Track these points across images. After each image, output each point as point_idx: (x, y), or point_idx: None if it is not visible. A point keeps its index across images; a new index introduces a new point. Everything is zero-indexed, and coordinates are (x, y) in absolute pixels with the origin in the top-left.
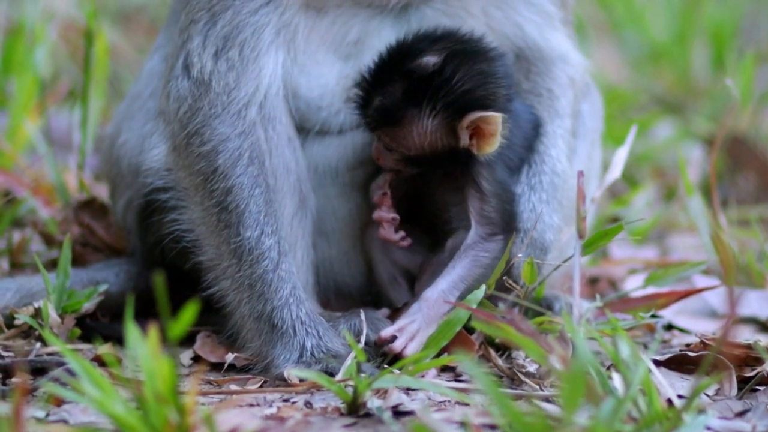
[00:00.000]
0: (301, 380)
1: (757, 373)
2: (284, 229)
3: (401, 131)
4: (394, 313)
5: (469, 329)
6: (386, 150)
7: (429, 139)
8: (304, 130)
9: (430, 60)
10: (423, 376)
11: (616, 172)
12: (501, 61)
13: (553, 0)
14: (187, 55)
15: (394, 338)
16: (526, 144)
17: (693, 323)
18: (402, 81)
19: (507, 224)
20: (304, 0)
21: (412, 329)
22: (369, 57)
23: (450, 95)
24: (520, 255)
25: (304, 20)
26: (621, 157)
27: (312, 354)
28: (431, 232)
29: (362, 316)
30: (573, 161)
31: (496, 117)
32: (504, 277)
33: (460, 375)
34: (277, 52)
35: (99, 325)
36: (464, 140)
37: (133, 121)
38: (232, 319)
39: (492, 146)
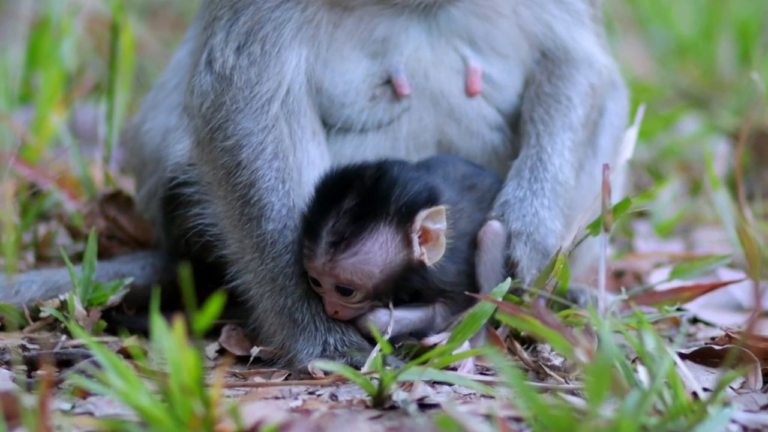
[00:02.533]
0: (327, 373)
1: None
2: None
3: (362, 252)
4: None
5: (494, 323)
6: (344, 296)
7: (390, 254)
8: (326, 126)
9: (367, 174)
10: (454, 369)
11: (627, 152)
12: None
13: None
14: (210, 50)
15: None
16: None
17: (718, 316)
18: (349, 200)
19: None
20: None
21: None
22: (396, 55)
23: (399, 197)
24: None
25: (328, 16)
26: (631, 137)
27: (335, 348)
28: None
29: (390, 307)
30: (584, 174)
31: (441, 210)
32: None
33: (485, 368)
34: (300, 47)
35: (124, 318)
36: (417, 250)
37: (157, 111)
38: (254, 312)
39: (440, 250)
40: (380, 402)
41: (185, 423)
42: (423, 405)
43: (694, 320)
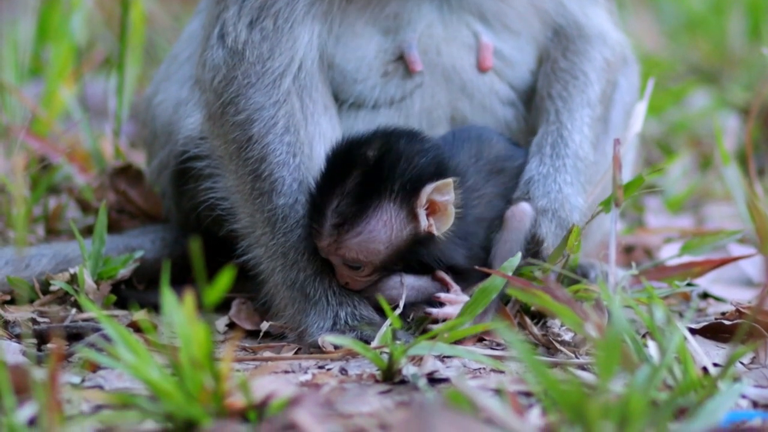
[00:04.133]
0: (336, 347)
1: None
2: None
3: (366, 232)
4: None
5: (503, 299)
6: (353, 270)
7: (395, 230)
8: (338, 101)
9: (371, 151)
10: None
11: (637, 126)
12: (433, 141)
13: None
14: (222, 24)
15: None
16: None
17: (728, 292)
18: (352, 179)
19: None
20: None
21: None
22: (409, 32)
23: (402, 167)
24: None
25: None
26: (641, 111)
27: (346, 322)
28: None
29: (403, 279)
30: (598, 148)
31: (448, 183)
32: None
33: (495, 343)
34: (313, 23)
35: (134, 293)
36: (423, 222)
37: (169, 83)
38: (265, 286)
39: (448, 220)
40: (390, 376)
41: (195, 397)
42: (433, 379)
43: (705, 295)
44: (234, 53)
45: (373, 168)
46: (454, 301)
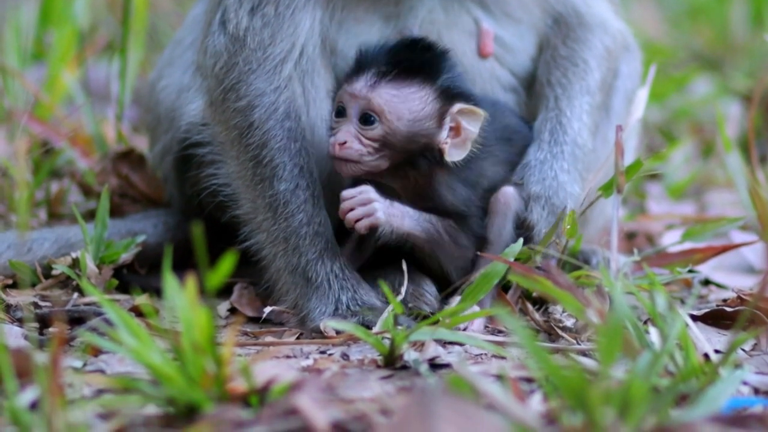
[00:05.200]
0: (338, 332)
1: None
2: (320, 183)
3: (403, 94)
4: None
5: (505, 285)
6: (363, 125)
7: (422, 113)
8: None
9: (441, 48)
10: (465, 329)
11: (638, 112)
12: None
13: None
14: (224, 11)
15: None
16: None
17: (730, 278)
18: (417, 52)
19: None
20: None
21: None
22: (410, 18)
23: (451, 75)
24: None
25: None
26: (642, 97)
27: (347, 307)
28: None
29: (404, 267)
30: (599, 135)
31: (480, 114)
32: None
33: (497, 329)
34: (314, 9)
35: (136, 278)
36: (444, 132)
37: (173, 68)
38: (268, 272)
39: (462, 151)
40: (391, 362)
41: (197, 381)
42: (434, 365)
43: (706, 282)
44: (235, 40)
45: (436, 57)
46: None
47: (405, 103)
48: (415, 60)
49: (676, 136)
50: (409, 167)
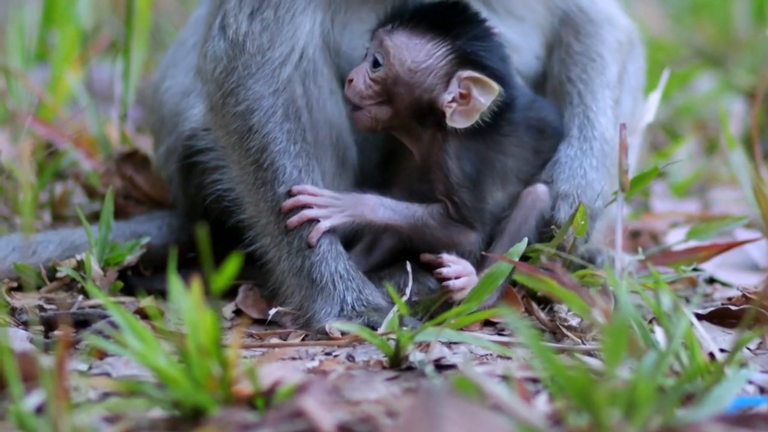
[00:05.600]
0: (343, 334)
1: None
2: (323, 184)
3: (413, 42)
4: None
5: (511, 282)
6: (373, 66)
7: (427, 66)
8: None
9: (471, 10)
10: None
11: (649, 115)
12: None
13: None
14: (224, 15)
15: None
16: (532, 149)
17: (735, 277)
18: (441, 9)
19: (463, 215)
20: None
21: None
22: None
23: (475, 42)
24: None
25: None
26: (654, 101)
27: (353, 308)
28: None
29: (408, 268)
30: (616, 128)
31: (494, 88)
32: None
33: (502, 329)
34: (315, 11)
35: (141, 280)
36: (451, 93)
37: (177, 69)
38: (273, 274)
39: (468, 120)
40: (397, 363)
41: (202, 384)
42: (440, 366)
43: (711, 280)
44: (235, 45)
45: (464, 20)
46: (457, 262)
47: (410, 51)
48: (438, 16)
49: (680, 133)
50: (420, 126)
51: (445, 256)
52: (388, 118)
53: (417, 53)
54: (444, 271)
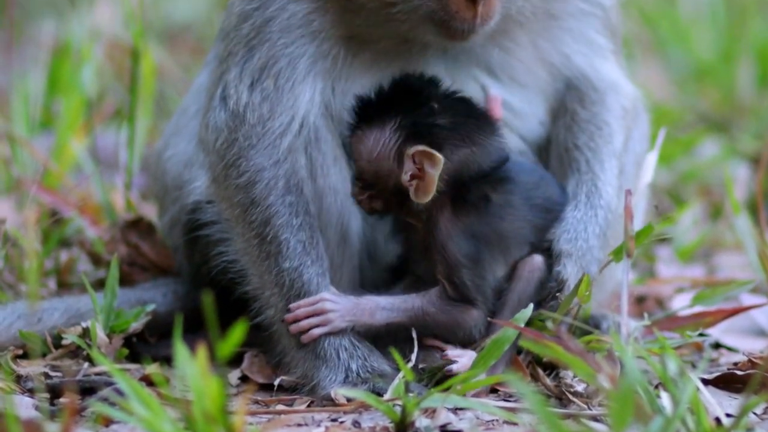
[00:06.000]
0: (349, 400)
1: None
2: (327, 255)
3: (367, 132)
4: None
5: (517, 349)
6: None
7: (375, 155)
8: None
9: (425, 87)
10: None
11: (648, 176)
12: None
13: (601, 31)
14: (224, 86)
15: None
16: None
17: (741, 342)
18: (395, 92)
19: (464, 294)
20: (344, 32)
21: None
22: None
23: (416, 114)
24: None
25: (346, 48)
26: (651, 161)
27: (358, 374)
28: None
29: (413, 335)
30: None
31: (437, 158)
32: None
33: (508, 394)
34: (315, 80)
35: (146, 347)
36: (407, 172)
37: (179, 137)
38: (278, 346)
39: (426, 193)
40: (403, 429)
41: None
42: (446, 431)
43: (717, 345)
44: (235, 116)
45: (405, 96)
46: (462, 355)
47: (365, 144)
48: (385, 99)
49: (685, 198)
50: (409, 211)
51: (450, 353)
52: (383, 208)
53: (370, 144)
54: (453, 368)
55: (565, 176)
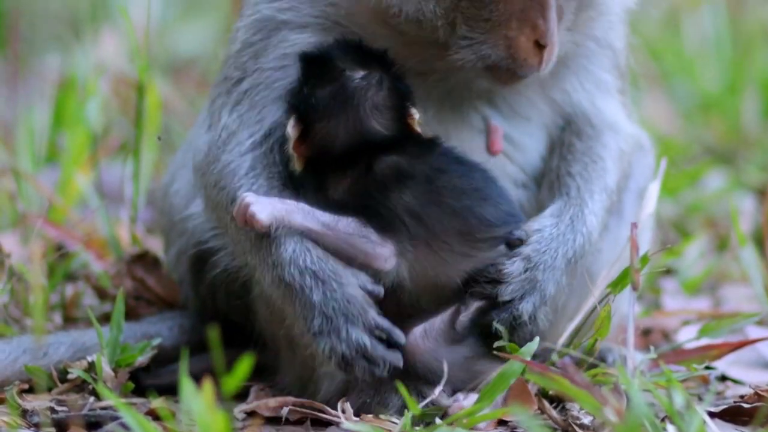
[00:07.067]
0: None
1: None
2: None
3: None
4: None
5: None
6: None
7: None
8: None
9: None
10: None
11: (650, 206)
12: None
13: (609, 70)
14: (212, 114)
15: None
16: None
17: (747, 374)
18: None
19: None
20: None
21: None
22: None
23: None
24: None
25: None
26: (654, 191)
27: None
28: None
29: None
30: (608, 237)
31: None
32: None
33: (515, 427)
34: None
35: (152, 379)
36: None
37: (185, 170)
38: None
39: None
40: None
41: None
42: None
43: (723, 378)
44: (213, 135)
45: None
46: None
47: None
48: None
49: (690, 231)
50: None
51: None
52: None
53: None
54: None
55: (552, 200)
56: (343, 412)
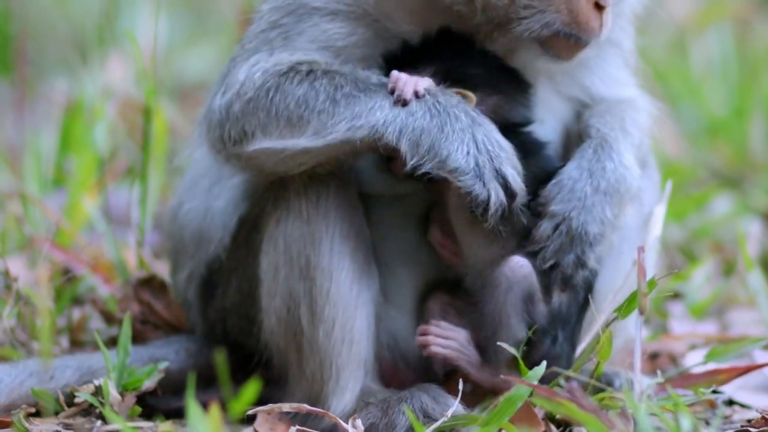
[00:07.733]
0: None
1: None
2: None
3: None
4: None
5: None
6: None
7: None
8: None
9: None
10: None
11: (656, 229)
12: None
13: (622, 68)
14: (229, 76)
15: None
16: None
17: (754, 399)
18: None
19: None
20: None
21: None
22: None
23: (454, 67)
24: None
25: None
26: (659, 214)
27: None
28: None
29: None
30: (610, 260)
31: (471, 98)
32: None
33: None
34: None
35: (159, 402)
36: None
37: (196, 189)
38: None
39: None
40: None
41: None
42: None
43: (730, 402)
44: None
45: (448, 47)
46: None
47: None
48: (423, 47)
49: (697, 255)
50: None
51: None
52: None
53: None
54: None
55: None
56: (355, 428)
